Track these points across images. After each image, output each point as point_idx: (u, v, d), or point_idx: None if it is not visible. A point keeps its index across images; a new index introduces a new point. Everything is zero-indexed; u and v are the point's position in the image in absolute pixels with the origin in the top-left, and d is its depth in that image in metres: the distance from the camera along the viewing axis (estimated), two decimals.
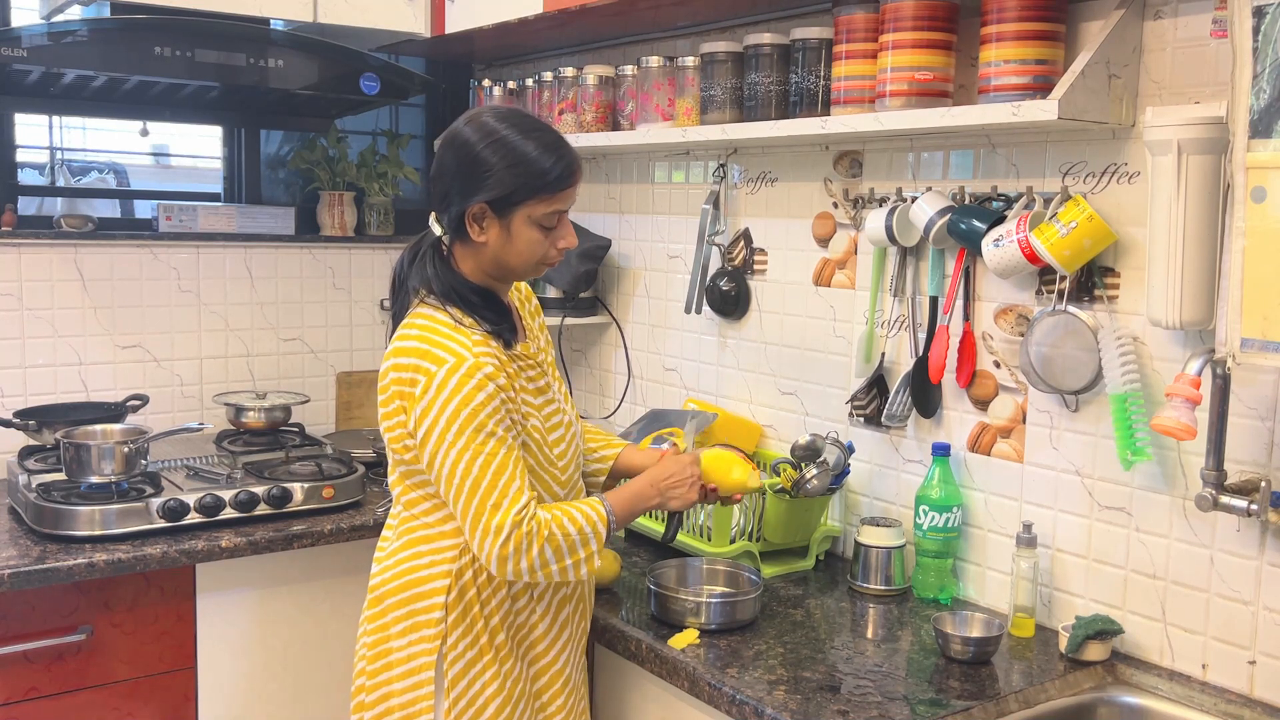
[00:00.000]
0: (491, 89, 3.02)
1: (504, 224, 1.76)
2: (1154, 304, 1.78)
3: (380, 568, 1.87)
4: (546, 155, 1.75)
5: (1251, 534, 1.79)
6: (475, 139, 1.75)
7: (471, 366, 1.70)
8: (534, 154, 1.74)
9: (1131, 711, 1.84)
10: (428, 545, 1.82)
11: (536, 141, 1.75)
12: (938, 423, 2.25)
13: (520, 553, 1.70)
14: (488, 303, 1.82)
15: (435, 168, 1.81)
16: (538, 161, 1.74)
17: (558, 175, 1.76)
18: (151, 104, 2.94)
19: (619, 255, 3.04)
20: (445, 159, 1.78)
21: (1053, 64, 1.88)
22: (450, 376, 1.69)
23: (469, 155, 1.75)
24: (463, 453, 1.69)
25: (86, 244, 2.87)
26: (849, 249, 2.41)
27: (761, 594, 2.07)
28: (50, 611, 2.23)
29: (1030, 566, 2.00)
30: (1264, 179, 1.53)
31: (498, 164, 1.73)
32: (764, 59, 2.30)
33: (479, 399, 1.69)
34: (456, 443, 1.69)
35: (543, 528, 1.71)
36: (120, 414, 2.79)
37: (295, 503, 2.53)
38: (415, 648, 1.80)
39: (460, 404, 1.69)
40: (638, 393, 3.01)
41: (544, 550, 1.71)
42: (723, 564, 2.19)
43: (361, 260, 3.28)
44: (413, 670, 1.80)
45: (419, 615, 1.80)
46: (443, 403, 1.69)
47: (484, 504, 1.69)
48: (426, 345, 1.73)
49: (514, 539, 1.69)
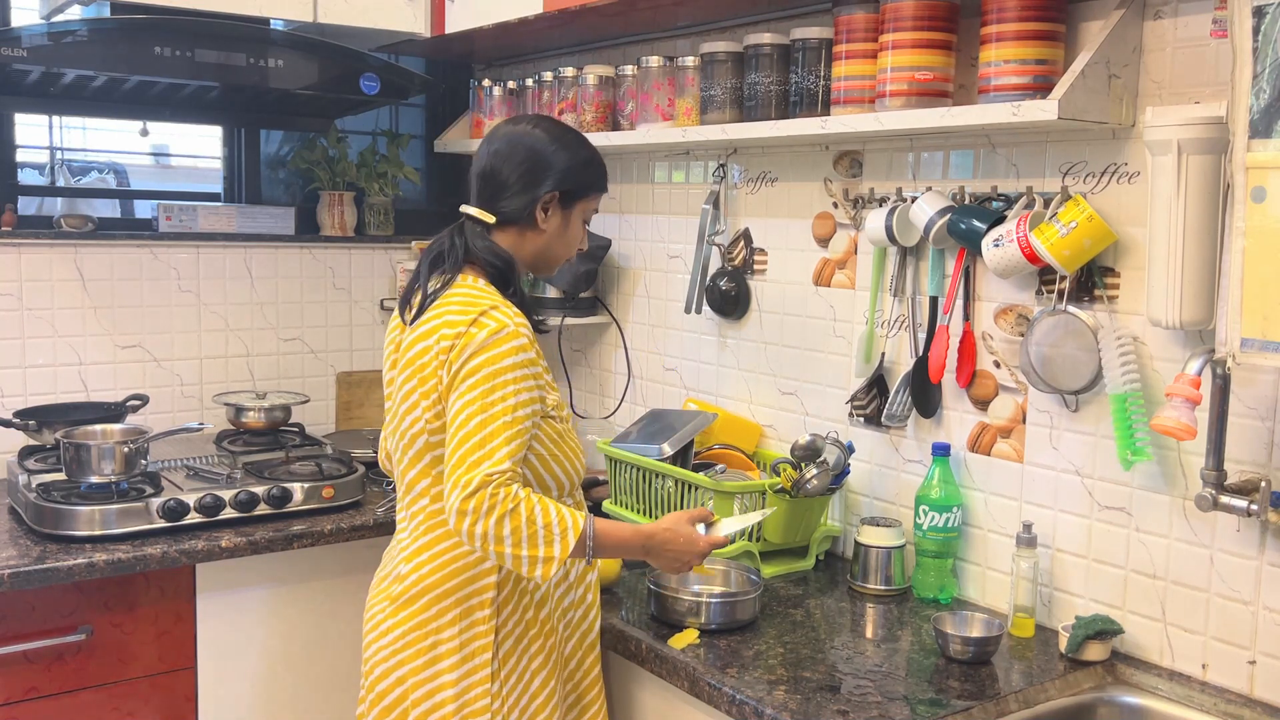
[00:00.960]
0: (491, 89, 3.02)
1: (566, 215, 1.94)
2: (1154, 304, 1.78)
3: (413, 564, 1.85)
4: (597, 158, 1.98)
5: (1251, 534, 1.79)
6: (546, 138, 1.92)
7: (511, 331, 1.77)
8: (593, 156, 1.96)
9: (1131, 711, 1.84)
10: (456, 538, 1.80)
11: (589, 147, 1.97)
12: (938, 423, 2.25)
13: (477, 514, 1.68)
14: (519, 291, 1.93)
15: (492, 161, 1.91)
16: (597, 163, 1.97)
17: (605, 176, 1.99)
18: (151, 104, 2.94)
19: (619, 255, 3.04)
20: (513, 153, 1.90)
21: (1053, 64, 1.88)
22: (491, 335, 1.76)
23: (542, 151, 1.90)
24: (469, 404, 1.73)
25: (86, 244, 2.87)
26: (849, 249, 2.41)
27: (761, 594, 2.07)
28: (50, 611, 2.23)
29: (1030, 566, 2.00)
30: (1264, 179, 1.53)
31: (570, 160, 1.91)
32: (764, 59, 2.30)
33: (507, 361, 1.75)
34: (467, 394, 1.74)
35: (509, 500, 1.69)
36: (120, 414, 2.79)
37: (295, 503, 2.53)
38: (468, 634, 1.83)
39: (487, 360, 1.75)
40: (638, 393, 3.01)
41: (501, 523, 1.69)
42: (722, 563, 2.19)
43: (361, 260, 3.28)
44: (468, 657, 1.82)
45: (472, 601, 1.83)
46: (475, 352, 1.75)
47: (464, 457, 1.71)
48: (474, 314, 1.78)
49: (477, 497, 1.68)
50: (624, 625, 2.02)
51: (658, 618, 2.04)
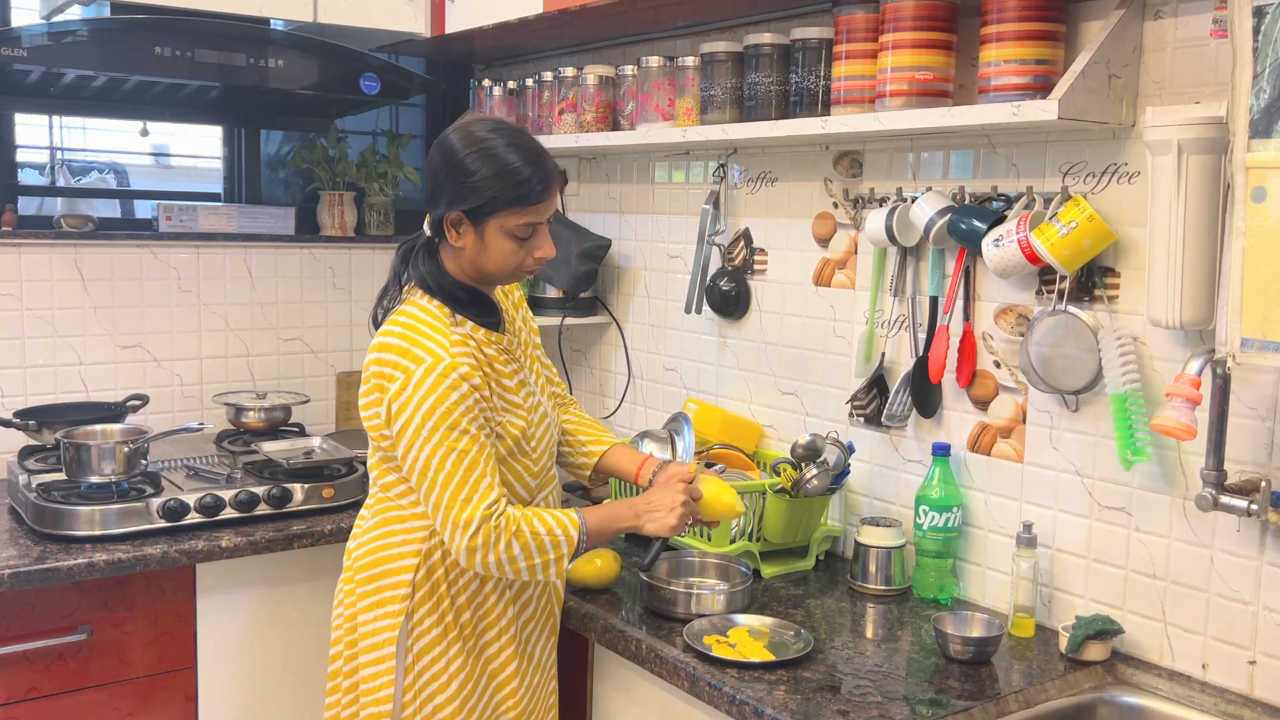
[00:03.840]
0: (491, 89, 3.02)
1: (479, 232, 1.83)
2: (1154, 304, 1.78)
3: (355, 544, 1.97)
4: (524, 168, 1.79)
5: (1251, 534, 1.79)
6: (460, 147, 1.81)
7: (448, 366, 1.77)
8: (511, 166, 1.79)
9: (1131, 711, 1.84)
10: (400, 525, 1.90)
11: (517, 154, 1.80)
12: (938, 423, 2.25)
13: (488, 546, 1.76)
14: (474, 299, 1.90)
15: (427, 171, 1.89)
16: (514, 174, 1.78)
17: (531, 189, 1.80)
18: (151, 104, 2.94)
19: (619, 255, 3.04)
20: (434, 162, 1.87)
21: (1053, 64, 1.88)
22: (427, 376, 1.76)
23: (453, 162, 1.81)
24: (436, 448, 1.76)
25: (86, 244, 2.87)
26: (849, 249, 2.41)
27: (751, 585, 2.08)
28: (50, 611, 2.23)
29: (1030, 566, 2.00)
30: (1264, 179, 1.53)
31: (476, 173, 1.79)
32: (764, 59, 2.30)
33: (453, 398, 1.76)
34: (431, 439, 1.76)
35: (511, 523, 1.78)
36: (120, 414, 2.79)
37: (295, 503, 2.53)
38: (380, 623, 1.89)
39: (436, 402, 1.75)
40: (638, 393, 3.01)
41: (511, 545, 1.77)
42: (715, 558, 2.22)
43: (361, 260, 3.28)
44: (377, 645, 1.89)
45: (386, 592, 1.89)
46: (419, 400, 1.76)
47: (454, 498, 1.76)
48: (408, 343, 1.80)
49: (482, 532, 1.76)
50: (624, 625, 2.02)
51: (653, 611, 2.05)
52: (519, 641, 1.96)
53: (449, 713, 1.89)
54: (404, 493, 1.89)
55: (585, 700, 2.17)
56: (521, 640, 1.97)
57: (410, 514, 1.89)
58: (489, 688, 1.94)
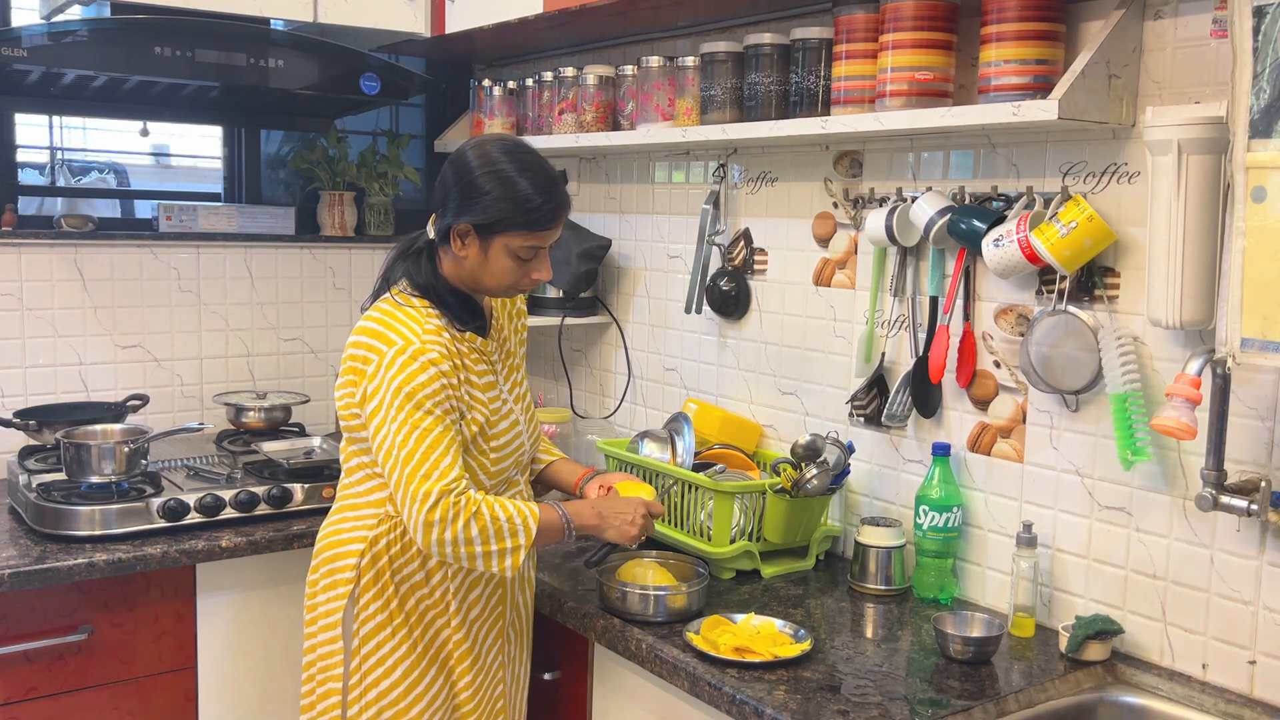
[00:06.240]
0: (491, 89, 3.02)
1: (484, 246, 1.89)
2: (1154, 304, 1.78)
3: (320, 529, 2.05)
4: (536, 195, 1.86)
5: (1251, 534, 1.79)
6: (476, 164, 1.88)
7: (417, 350, 1.83)
8: (524, 192, 1.86)
9: (1131, 711, 1.84)
10: (353, 512, 1.98)
11: (530, 180, 1.86)
12: (938, 423, 2.25)
13: (445, 523, 1.79)
14: (462, 303, 1.95)
15: (439, 178, 1.95)
16: (527, 200, 1.86)
17: (541, 215, 1.87)
18: (151, 104, 2.94)
19: (619, 255, 3.04)
20: (447, 174, 1.92)
21: (1053, 64, 1.88)
22: (398, 357, 1.83)
23: (467, 178, 1.88)
24: (401, 426, 1.81)
25: (87, 244, 2.87)
26: (849, 249, 2.41)
27: (705, 586, 2.07)
28: (50, 611, 2.23)
29: (1030, 566, 2.00)
30: (1264, 179, 1.53)
31: (490, 193, 1.86)
32: (764, 59, 2.30)
33: (421, 379, 1.82)
34: (397, 417, 1.81)
35: (471, 504, 1.81)
36: (120, 414, 2.79)
37: (295, 503, 2.53)
38: (332, 604, 1.96)
39: (404, 381, 1.81)
40: (638, 393, 3.01)
41: (469, 526, 1.80)
42: (674, 557, 2.22)
43: (361, 260, 3.28)
44: (329, 625, 1.97)
45: (336, 574, 1.96)
46: (389, 380, 1.82)
47: (414, 473, 1.80)
48: (383, 329, 1.88)
49: (441, 506, 1.78)
50: (623, 625, 2.02)
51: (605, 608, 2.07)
52: (470, 636, 1.99)
53: (395, 696, 1.94)
54: (363, 478, 1.96)
55: (585, 700, 2.16)
56: (472, 635, 2.00)
57: (364, 501, 1.96)
58: (441, 676, 1.98)
